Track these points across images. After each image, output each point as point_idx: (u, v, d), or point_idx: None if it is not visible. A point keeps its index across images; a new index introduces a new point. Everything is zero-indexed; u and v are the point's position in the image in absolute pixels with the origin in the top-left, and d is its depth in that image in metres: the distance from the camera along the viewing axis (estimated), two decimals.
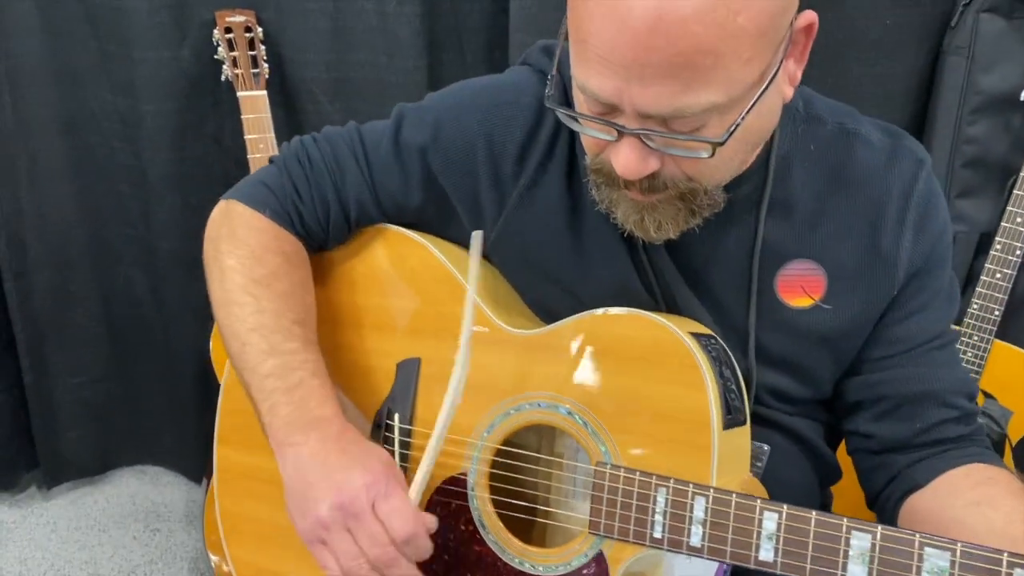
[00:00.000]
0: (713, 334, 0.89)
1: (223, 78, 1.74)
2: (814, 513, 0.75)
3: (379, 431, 0.96)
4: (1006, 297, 1.67)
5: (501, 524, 0.89)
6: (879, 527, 0.73)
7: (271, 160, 1.02)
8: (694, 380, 0.81)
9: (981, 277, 1.68)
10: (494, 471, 0.91)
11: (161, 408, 2.12)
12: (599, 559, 0.84)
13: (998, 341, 1.70)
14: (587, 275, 0.94)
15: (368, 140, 0.99)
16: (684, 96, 0.71)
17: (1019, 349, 1.72)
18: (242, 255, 0.96)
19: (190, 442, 2.10)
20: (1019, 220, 1.65)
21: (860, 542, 0.73)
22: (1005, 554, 0.69)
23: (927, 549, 0.71)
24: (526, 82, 0.95)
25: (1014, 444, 1.70)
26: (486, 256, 1.01)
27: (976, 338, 1.71)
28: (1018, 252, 1.66)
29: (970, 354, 1.72)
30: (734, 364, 0.89)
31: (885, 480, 0.94)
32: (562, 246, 0.94)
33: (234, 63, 1.72)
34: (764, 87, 0.74)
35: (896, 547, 0.72)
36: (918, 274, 0.91)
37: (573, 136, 0.92)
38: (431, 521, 0.86)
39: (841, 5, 1.68)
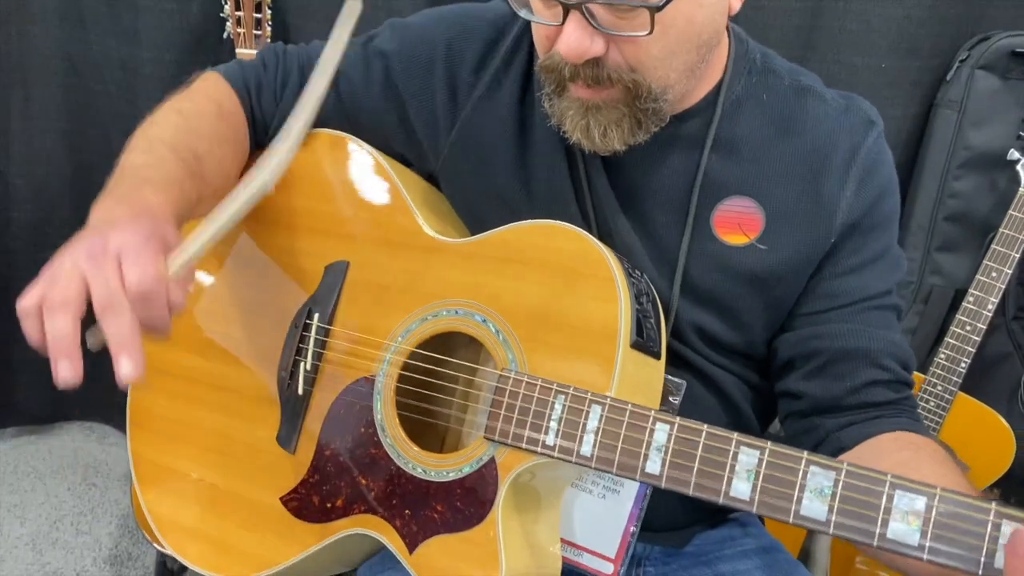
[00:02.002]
0: (640, 269, 0.88)
1: (225, 35, 1.76)
2: (705, 427, 0.73)
3: (297, 330, 0.95)
4: (974, 350, 1.65)
5: (400, 429, 0.87)
6: (768, 444, 0.70)
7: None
8: (607, 294, 0.80)
9: (951, 328, 1.66)
10: (406, 374, 0.89)
11: None
12: (490, 465, 0.81)
13: (962, 394, 1.68)
14: (528, 190, 0.95)
15: None
16: None
17: (982, 404, 1.69)
18: (182, 95, 1.00)
19: None
20: (994, 275, 1.64)
21: (748, 458, 0.71)
22: (889, 475, 0.66)
23: (812, 467, 0.69)
24: (496, 5, 0.99)
25: None
26: (432, 178, 1.02)
27: (940, 388, 1.68)
28: (990, 307, 1.64)
29: (932, 403, 1.69)
30: (656, 301, 0.88)
31: (813, 443, 0.91)
32: (509, 159, 0.95)
33: (238, 22, 1.75)
34: None
35: (782, 463, 0.69)
36: (857, 228, 0.90)
37: (531, 54, 0.94)
38: (178, 294, 0.73)
39: (838, 44, 1.71)
